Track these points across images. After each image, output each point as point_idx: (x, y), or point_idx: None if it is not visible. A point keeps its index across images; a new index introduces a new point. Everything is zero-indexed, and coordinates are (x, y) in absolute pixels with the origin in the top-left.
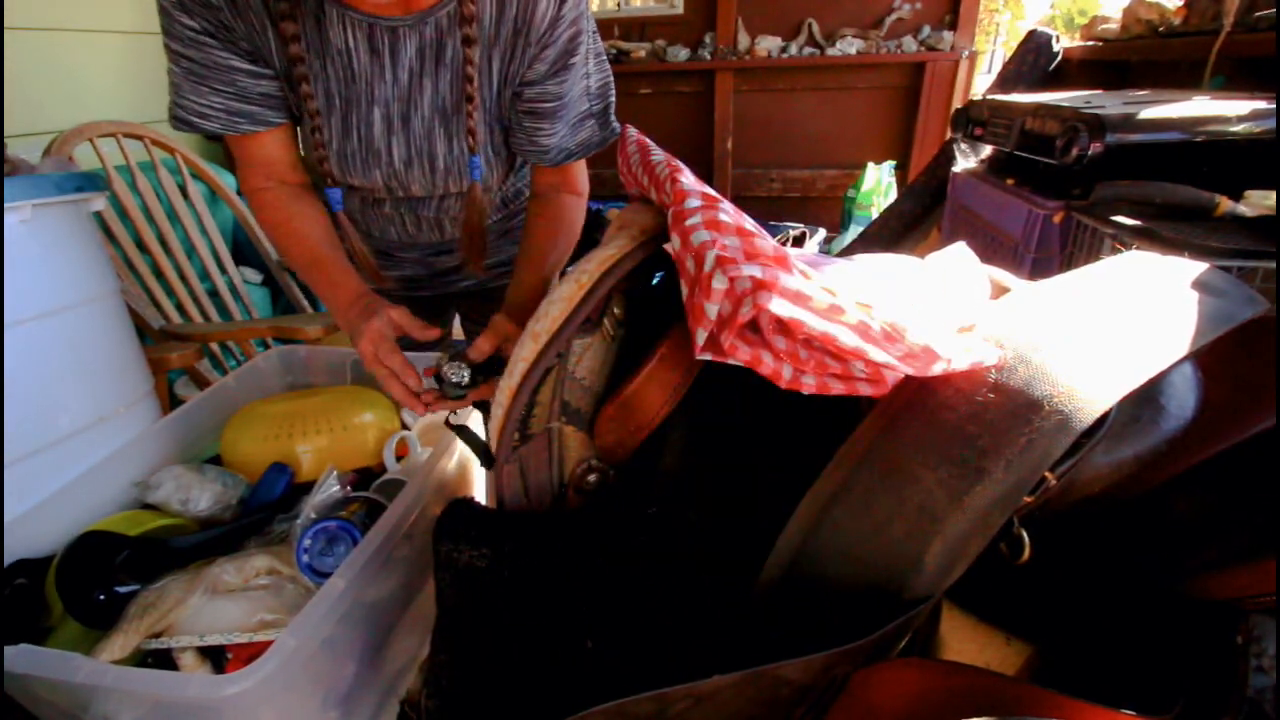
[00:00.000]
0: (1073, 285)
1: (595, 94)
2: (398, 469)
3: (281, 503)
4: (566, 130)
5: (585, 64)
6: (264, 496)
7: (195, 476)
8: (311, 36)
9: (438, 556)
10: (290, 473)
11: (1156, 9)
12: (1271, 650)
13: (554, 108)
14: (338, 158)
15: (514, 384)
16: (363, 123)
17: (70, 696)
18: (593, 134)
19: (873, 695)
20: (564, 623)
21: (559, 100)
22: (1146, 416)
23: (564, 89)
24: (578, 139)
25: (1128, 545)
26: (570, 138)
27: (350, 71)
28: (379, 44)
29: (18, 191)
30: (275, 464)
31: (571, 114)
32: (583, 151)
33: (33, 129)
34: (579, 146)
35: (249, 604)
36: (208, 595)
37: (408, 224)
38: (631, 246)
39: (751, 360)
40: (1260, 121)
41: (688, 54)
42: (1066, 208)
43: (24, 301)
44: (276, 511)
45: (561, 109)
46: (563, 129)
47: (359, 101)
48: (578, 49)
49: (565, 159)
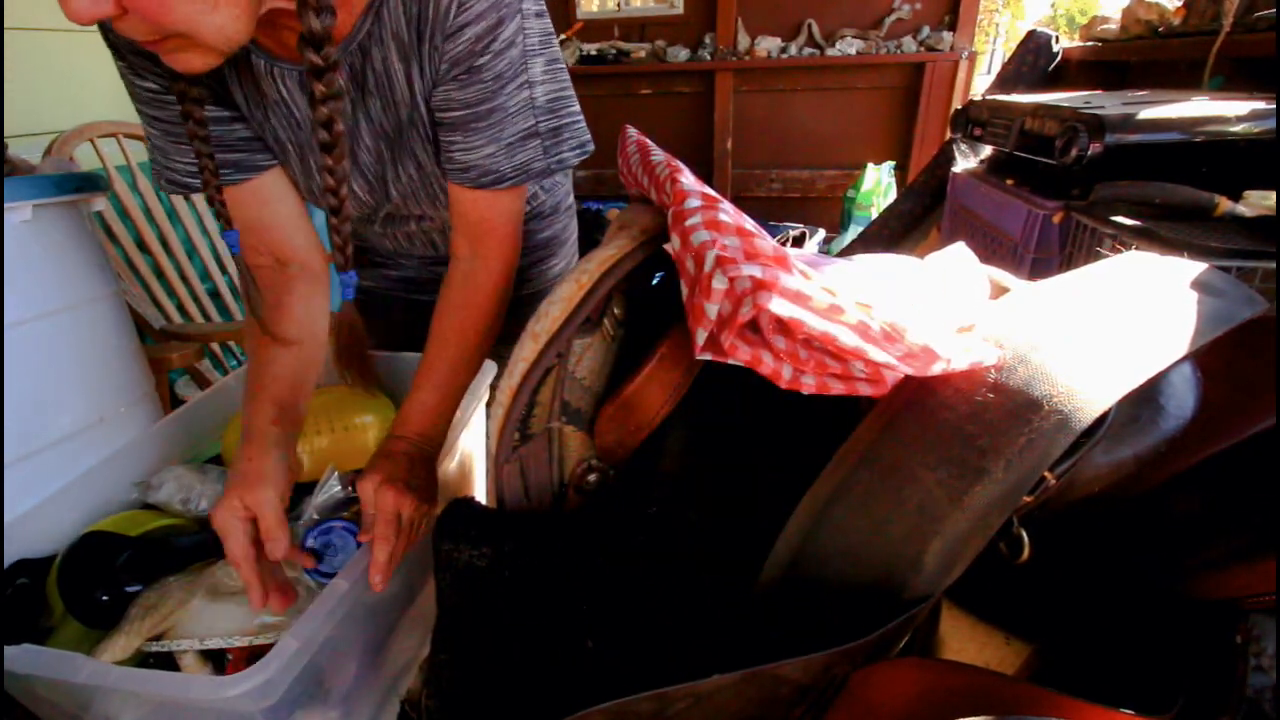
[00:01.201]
0: (1072, 285)
1: (542, 108)
2: None
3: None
4: (496, 149)
5: (521, 70)
6: None
7: (196, 476)
8: (250, 90)
9: (438, 556)
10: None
11: (1156, 9)
12: (1271, 650)
13: (462, 118)
14: (308, 195)
15: (514, 384)
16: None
17: (71, 696)
18: (535, 157)
19: (872, 695)
20: (564, 623)
21: (468, 109)
22: (1146, 416)
23: (474, 96)
24: (514, 161)
25: (1128, 545)
26: (504, 158)
27: (294, 119)
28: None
29: (18, 191)
30: None
31: (505, 129)
32: (519, 176)
33: (33, 129)
34: (515, 171)
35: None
36: (209, 597)
37: (400, 239)
38: (631, 246)
39: (751, 360)
40: (1260, 121)
41: (688, 54)
42: (1066, 208)
43: (24, 302)
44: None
45: (475, 120)
46: (484, 144)
47: (311, 145)
48: (495, 49)
49: (493, 183)
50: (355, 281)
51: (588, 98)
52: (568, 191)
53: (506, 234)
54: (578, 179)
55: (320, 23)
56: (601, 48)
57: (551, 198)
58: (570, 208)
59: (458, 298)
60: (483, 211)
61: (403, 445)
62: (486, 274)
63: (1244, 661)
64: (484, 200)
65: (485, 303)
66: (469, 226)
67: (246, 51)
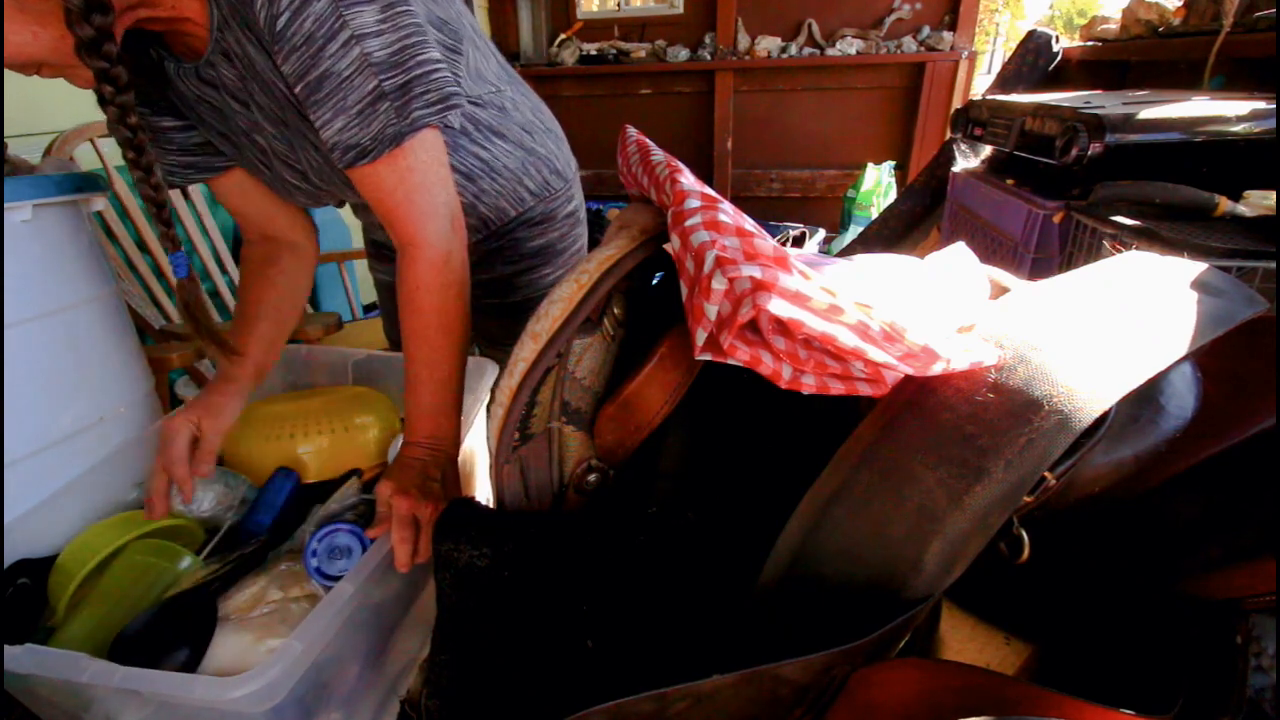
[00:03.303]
0: (1072, 285)
1: (383, 64)
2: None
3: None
4: (346, 121)
5: (339, 27)
6: (270, 500)
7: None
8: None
9: (438, 556)
10: (296, 477)
11: (1156, 9)
12: (1271, 650)
13: (301, 93)
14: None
15: (514, 384)
16: (257, 153)
17: (72, 696)
18: (389, 121)
19: (872, 695)
20: (564, 623)
21: (301, 82)
22: (1146, 416)
23: (297, 66)
24: (370, 130)
25: (1128, 545)
26: (358, 129)
27: (219, 112)
28: (214, 80)
29: (18, 191)
30: (282, 468)
31: (347, 97)
32: (378, 147)
33: (33, 129)
34: (373, 141)
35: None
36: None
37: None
38: (631, 246)
39: (751, 360)
40: (1260, 121)
41: (688, 54)
42: (1066, 208)
43: (24, 301)
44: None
45: (311, 92)
46: (333, 117)
47: (241, 137)
48: (289, 5)
49: (358, 159)
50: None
51: (588, 98)
52: (569, 199)
53: (406, 213)
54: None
55: (91, 27)
56: (601, 48)
57: (545, 205)
58: (573, 216)
59: (400, 298)
60: (370, 191)
61: (416, 452)
62: (410, 264)
63: (1244, 661)
64: (364, 179)
65: (422, 296)
66: (374, 209)
67: (162, 59)
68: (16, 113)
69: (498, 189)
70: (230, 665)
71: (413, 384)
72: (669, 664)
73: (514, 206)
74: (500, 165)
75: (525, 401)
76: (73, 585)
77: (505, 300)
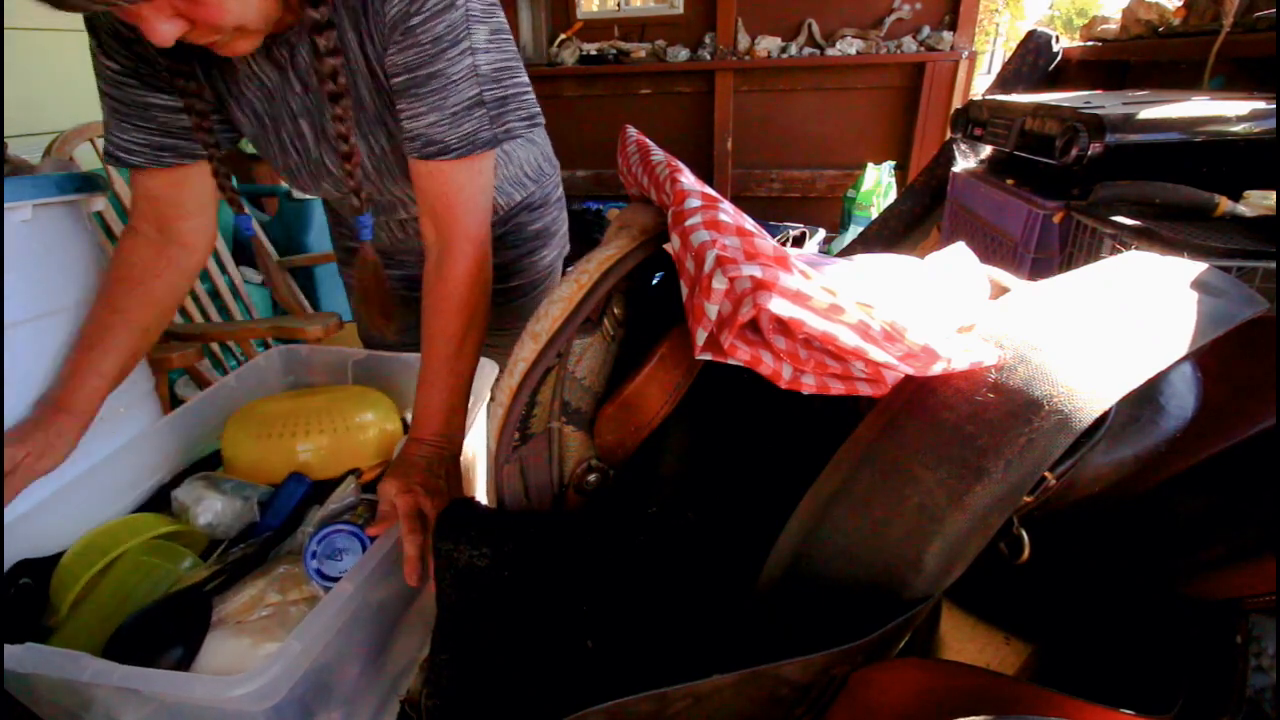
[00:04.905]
0: (1072, 285)
1: (487, 77)
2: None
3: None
4: (440, 117)
5: (463, 36)
6: (281, 507)
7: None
8: (223, 68)
9: (438, 556)
10: (309, 483)
11: (1156, 9)
12: (1271, 650)
13: (405, 83)
14: (286, 174)
15: (514, 384)
16: (294, 137)
17: (73, 696)
18: (480, 128)
19: (872, 695)
20: (564, 623)
21: (409, 74)
22: (1146, 416)
23: (413, 59)
24: (460, 130)
25: (1128, 545)
26: (449, 127)
27: (266, 90)
28: (280, 59)
29: (18, 191)
30: (294, 474)
31: (449, 97)
32: (465, 147)
33: (33, 129)
34: (460, 141)
35: (253, 635)
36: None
37: (394, 230)
38: (631, 246)
39: (751, 360)
40: (1260, 121)
41: (688, 54)
42: (1066, 208)
43: (24, 301)
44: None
45: (416, 85)
46: (427, 111)
47: (283, 118)
48: (431, 8)
49: (438, 154)
50: (371, 223)
51: (588, 98)
52: (557, 184)
53: (465, 211)
54: (577, 179)
55: None
56: (601, 48)
57: (541, 189)
58: (560, 200)
59: (433, 295)
60: (437, 186)
61: (421, 449)
62: (453, 262)
63: (1244, 661)
64: (435, 173)
65: (461, 293)
66: (427, 204)
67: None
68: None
69: (509, 176)
70: (227, 669)
71: (429, 380)
72: (669, 664)
73: (519, 192)
74: (515, 154)
75: (525, 401)
76: (78, 586)
77: (510, 284)
